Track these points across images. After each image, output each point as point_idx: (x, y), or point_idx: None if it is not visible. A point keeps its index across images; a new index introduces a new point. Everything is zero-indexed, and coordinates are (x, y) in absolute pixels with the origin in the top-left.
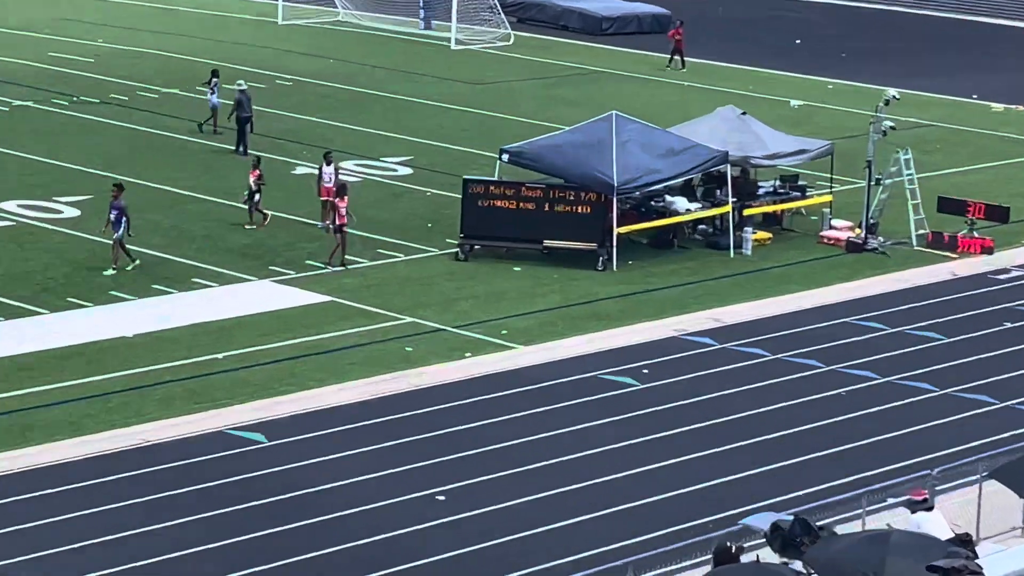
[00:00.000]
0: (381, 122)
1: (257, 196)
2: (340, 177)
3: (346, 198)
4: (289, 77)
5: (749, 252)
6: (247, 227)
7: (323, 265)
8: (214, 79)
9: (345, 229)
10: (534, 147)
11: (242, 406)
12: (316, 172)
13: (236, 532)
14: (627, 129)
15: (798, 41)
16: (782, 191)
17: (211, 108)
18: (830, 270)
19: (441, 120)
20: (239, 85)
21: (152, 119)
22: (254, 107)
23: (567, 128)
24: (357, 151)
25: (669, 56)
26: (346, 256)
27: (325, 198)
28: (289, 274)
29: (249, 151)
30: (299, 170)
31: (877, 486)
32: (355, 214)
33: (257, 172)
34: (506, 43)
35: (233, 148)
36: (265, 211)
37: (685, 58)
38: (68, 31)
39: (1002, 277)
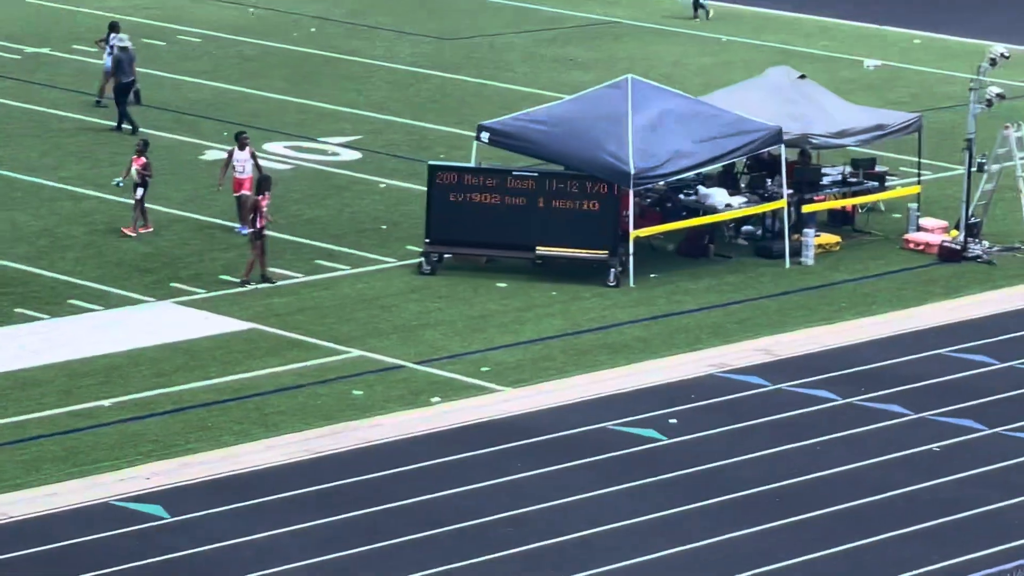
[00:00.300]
0: (320, 91)
1: (141, 191)
2: (262, 164)
3: (268, 194)
4: (197, 32)
5: (811, 261)
6: (127, 232)
7: (241, 282)
8: (112, 35)
9: (265, 234)
10: (524, 123)
11: (135, 470)
12: (224, 158)
13: None
14: (648, 98)
15: None
16: (854, 180)
17: (104, 72)
18: (918, 286)
19: (400, 88)
20: (118, 40)
21: (15, 89)
22: (149, 71)
23: (568, 97)
24: (288, 129)
25: (692, 4)
26: (268, 269)
27: (239, 192)
28: (198, 293)
29: (139, 128)
30: (210, 155)
31: (984, 575)
32: (281, 213)
33: (143, 160)
34: None
35: (115, 125)
36: (146, 218)
37: (708, 4)
38: None
39: None
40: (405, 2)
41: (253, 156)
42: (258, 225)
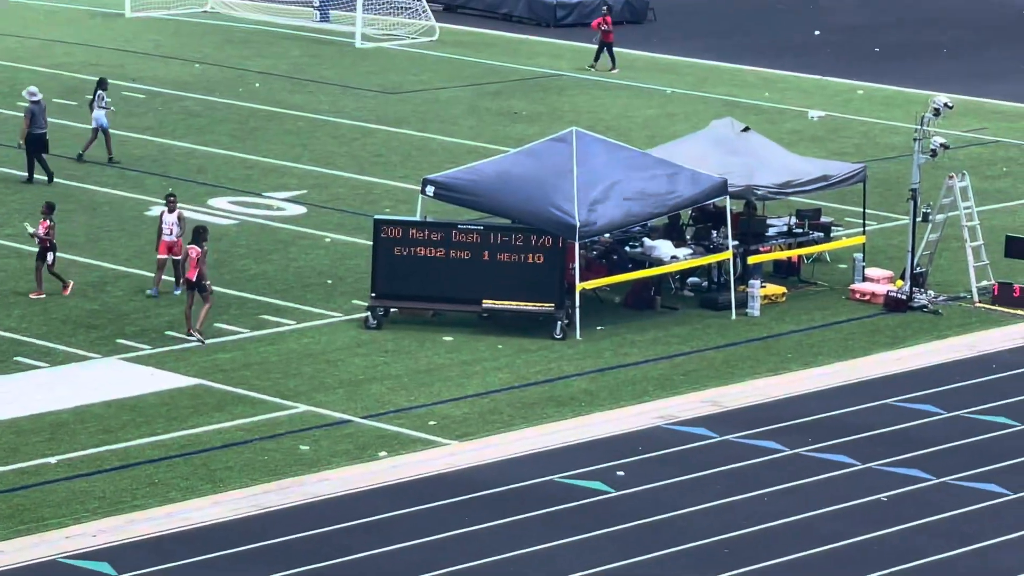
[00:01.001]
0: (265, 146)
1: (51, 256)
2: (196, 220)
3: (203, 245)
4: (142, 88)
5: (757, 312)
6: (33, 296)
7: (192, 337)
8: (99, 91)
9: (207, 284)
10: (469, 176)
11: (82, 527)
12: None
13: None
14: (593, 151)
15: (817, 32)
16: (799, 231)
17: (96, 130)
18: (864, 336)
19: (345, 142)
20: (30, 95)
21: None
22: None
23: (513, 151)
24: (234, 184)
25: (596, 51)
26: (201, 325)
27: (164, 255)
28: (144, 349)
29: (53, 177)
30: (155, 210)
31: None
32: (226, 268)
33: (47, 223)
34: (430, 39)
35: (27, 178)
36: (54, 275)
37: (613, 55)
38: None
39: None
40: (348, 56)
41: (180, 219)
42: (188, 276)
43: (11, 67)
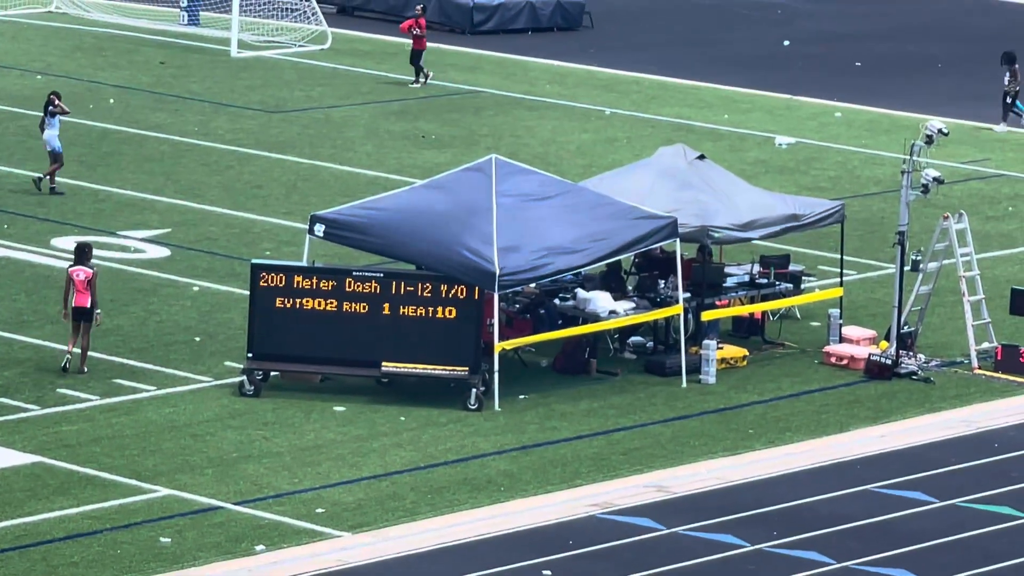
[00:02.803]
0: (121, 175)
1: None
2: (39, 264)
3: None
4: None
5: (712, 380)
6: None
7: (30, 407)
8: (51, 105)
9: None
10: (367, 213)
11: None
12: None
13: None
14: (517, 183)
15: (787, 43)
16: (764, 281)
17: (52, 152)
18: (841, 408)
19: (217, 171)
20: None
21: None
22: None
23: (420, 182)
24: (82, 221)
25: (414, 69)
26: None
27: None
28: None
29: None
30: None
31: None
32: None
33: None
34: (321, 46)
35: None
36: None
37: (422, 65)
38: None
39: None
40: (222, 67)
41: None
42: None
43: None
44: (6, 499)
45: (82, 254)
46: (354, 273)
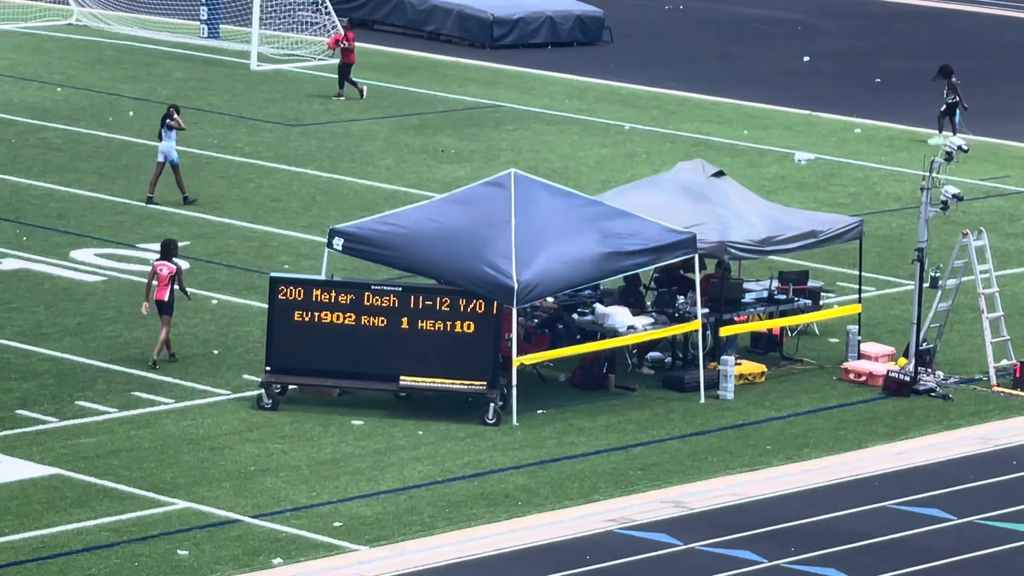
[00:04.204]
0: (140, 187)
1: None
2: (63, 277)
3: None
4: None
5: (731, 395)
6: None
7: (49, 419)
8: (169, 118)
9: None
10: (385, 227)
11: None
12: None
13: None
14: (535, 198)
15: (806, 58)
16: (782, 297)
17: (170, 163)
18: (859, 424)
19: (236, 184)
20: None
21: None
22: None
23: (439, 197)
24: (102, 233)
25: (339, 78)
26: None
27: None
28: None
29: None
30: (6, 264)
31: None
32: (92, 334)
33: None
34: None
35: None
36: None
37: (354, 80)
38: None
39: None
40: (242, 80)
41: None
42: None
43: None
44: (24, 511)
45: (167, 249)
46: (373, 287)
